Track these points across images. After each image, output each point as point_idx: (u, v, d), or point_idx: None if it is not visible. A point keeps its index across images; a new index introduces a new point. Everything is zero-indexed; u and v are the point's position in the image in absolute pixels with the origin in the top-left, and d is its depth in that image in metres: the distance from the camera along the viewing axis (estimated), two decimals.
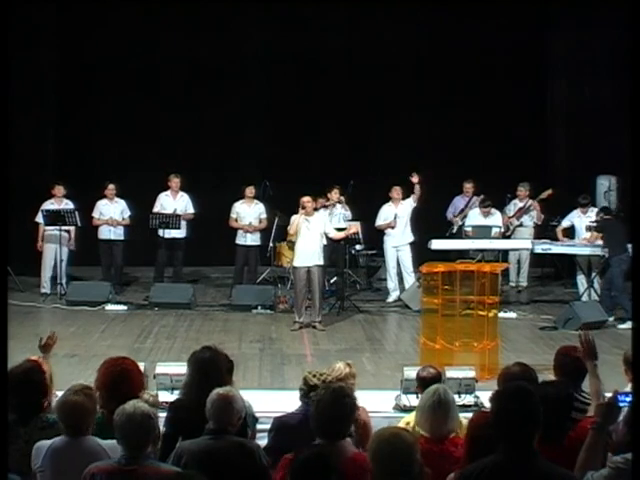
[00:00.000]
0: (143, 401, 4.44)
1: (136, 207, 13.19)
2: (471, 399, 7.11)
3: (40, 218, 12.74)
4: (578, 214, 12.85)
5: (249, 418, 4.99)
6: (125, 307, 12.18)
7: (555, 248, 12.74)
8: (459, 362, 8.08)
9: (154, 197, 13.16)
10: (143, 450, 4.09)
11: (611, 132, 14.03)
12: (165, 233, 12.78)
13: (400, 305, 12.54)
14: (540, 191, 13.37)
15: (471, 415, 4.54)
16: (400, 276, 12.98)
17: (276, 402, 6.65)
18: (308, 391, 5.22)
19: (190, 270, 14.05)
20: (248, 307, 12.10)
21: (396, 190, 12.81)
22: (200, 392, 4.69)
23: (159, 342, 10.32)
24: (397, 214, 12.80)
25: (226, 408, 4.44)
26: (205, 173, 14.92)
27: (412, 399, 6.74)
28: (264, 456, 4.49)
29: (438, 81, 15.17)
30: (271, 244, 13.51)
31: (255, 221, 13.12)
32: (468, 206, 13.64)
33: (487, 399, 6.32)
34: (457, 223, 13.64)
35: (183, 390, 5.18)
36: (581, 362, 4.97)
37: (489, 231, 12.77)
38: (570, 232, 12.98)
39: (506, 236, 13.16)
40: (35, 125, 14.40)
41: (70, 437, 4.34)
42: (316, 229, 11.08)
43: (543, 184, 13.58)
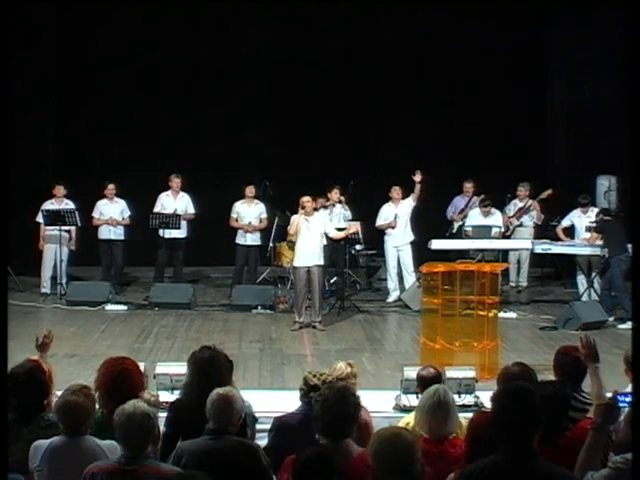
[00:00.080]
0: (144, 401, 4.45)
1: (136, 207, 13.19)
2: (471, 399, 7.11)
3: (40, 218, 12.75)
4: (578, 214, 12.84)
5: (248, 418, 4.99)
6: (125, 307, 12.18)
7: (555, 248, 12.74)
8: (459, 362, 8.08)
9: (154, 197, 13.16)
10: (143, 450, 4.09)
11: (611, 132, 14.02)
12: (165, 233, 12.78)
13: (400, 305, 12.54)
14: (540, 191, 13.37)
15: (471, 415, 4.54)
16: (400, 276, 12.98)
17: (276, 402, 6.65)
18: (308, 391, 5.22)
19: (190, 270, 14.05)
20: (248, 307, 12.10)
21: (396, 190, 12.81)
22: (200, 392, 4.69)
23: (159, 342, 10.32)
24: (397, 214, 12.81)
25: (226, 408, 4.44)
26: (205, 173, 14.91)
27: (412, 399, 6.74)
28: (264, 456, 4.49)
29: (438, 81, 15.17)
30: (271, 244, 13.51)
31: (255, 221, 13.12)
32: (468, 206, 13.64)
33: (487, 399, 6.32)
34: (457, 221, 13.64)
35: (183, 390, 5.18)
36: (581, 362, 4.97)
37: (489, 231, 12.77)
38: (570, 232, 12.98)
39: (506, 236, 13.15)
40: (35, 125, 14.39)
41: (68, 437, 4.35)
42: (316, 229, 11.09)
43: (543, 184, 13.58)
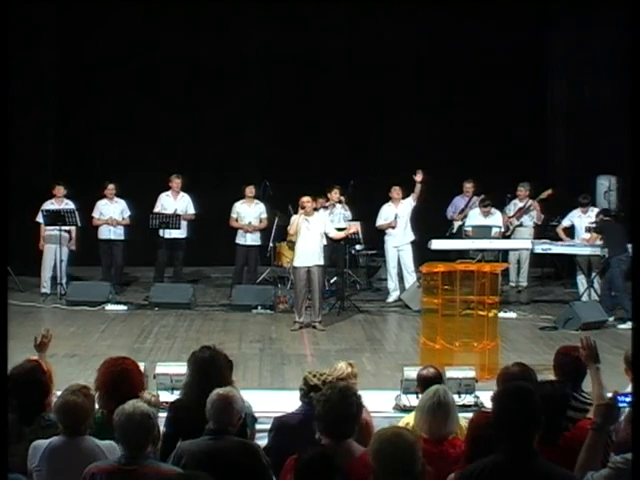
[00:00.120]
0: (144, 401, 4.44)
1: (136, 207, 13.19)
2: (471, 399, 7.11)
3: (40, 218, 12.74)
4: (578, 214, 12.84)
5: (248, 418, 4.99)
6: (125, 307, 12.18)
7: (555, 248, 12.73)
8: (459, 362, 8.08)
9: (154, 197, 13.16)
10: (143, 450, 4.09)
11: (611, 132, 14.02)
12: (165, 233, 12.77)
13: (400, 305, 12.54)
14: (540, 191, 13.37)
15: (471, 415, 4.54)
16: (400, 276, 12.98)
17: (276, 402, 6.65)
18: (308, 391, 5.21)
19: (190, 270, 14.05)
20: (248, 307, 12.10)
21: (396, 190, 12.81)
22: (200, 392, 4.69)
23: (159, 342, 10.31)
24: (397, 214, 12.81)
25: (226, 408, 4.44)
26: (205, 173, 14.91)
27: (412, 399, 6.74)
28: (264, 456, 4.49)
29: (438, 81, 15.17)
30: (271, 244, 13.50)
31: (255, 221, 13.12)
32: (468, 206, 13.64)
33: (487, 399, 6.32)
34: (457, 220, 13.64)
35: (183, 390, 5.18)
36: (581, 362, 4.96)
37: (489, 231, 12.76)
38: (570, 232, 12.98)
39: (506, 236, 13.15)
40: (35, 125, 14.39)
41: (68, 437, 4.34)
42: (316, 229, 11.08)
43: (543, 184, 13.58)
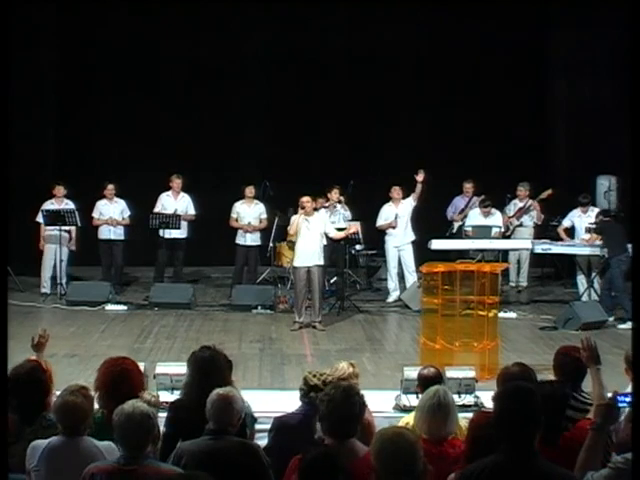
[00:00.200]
0: (144, 401, 4.44)
1: (136, 207, 13.19)
2: (471, 399, 7.11)
3: (40, 218, 12.74)
4: (578, 213, 12.84)
5: (248, 418, 4.99)
6: (125, 307, 12.18)
7: (555, 248, 12.73)
8: (459, 362, 8.08)
9: (154, 197, 13.16)
10: (142, 450, 4.08)
11: (611, 132, 14.02)
12: (166, 233, 12.77)
13: (400, 305, 12.54)
14: (540, 191, 13.36)
15: (471, 415, 4.53)
16: (401, 276, 12.98)
17: (276, 402, 6.66)
18: (308, 391, 5.21)
19: (190, 270, 14.05)
20: (248, 307, 12.10)
21: (396, 190, 12.81)
22: (200, 392, 4.69)
23: (159, 342, 10.31)
24: (398, 214, 12.81)
25: (226, 408, 4.44)
26: (205, 173, 14.89)
27: (412, 399, 6.74)
28: (264, 456, 4.49)
29: (438, 81, 15.17)
30: (271, 244, 13.50)
31: (255, 221, 13.11)
32: (468, 206, 13.64)
33: (487, 399, 6.32)
34: (457, 221, 13.64)
35: (183, 390, 5.17)
36: (581, 362, 4.96)
37: (489, 231, 12.76)
38: (571, 232, 12.98)
39: (506, 236, 13.15)
40: (35, 125, 14.38)
41: (67, 437, 4.33)
42: (316, 229, 11.08)
43: (543, 184, 13.57)
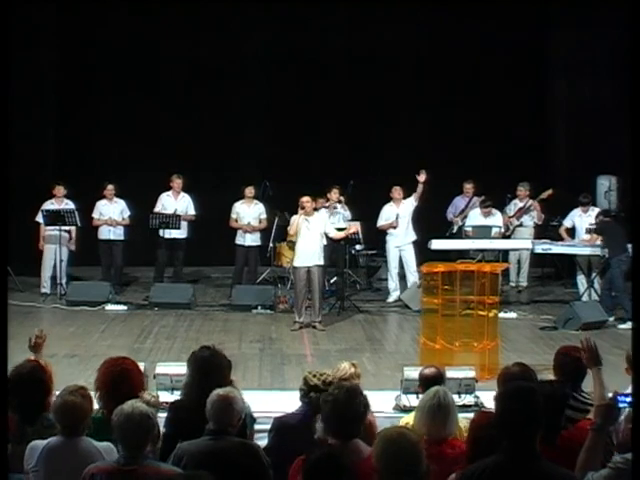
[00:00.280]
0: (144, 401, 4.43)
1: (136, 207, 13.19)
2: (471, 399, 7.10)
3: (40, 218, 12.73)
4: (579, 213, 12.84)
5: (247, 418, 4.98)
6: (125, 307, 12.17)
7: (555, 248, 12.72)
8: (459, 362, 8.07)
9: (154, 197, 13.16)
10: (142, 450, 4.08)
11: (611, 132, 14.01)
12: (165, 233, 12.76)
13: (400, 305, 12.53)
14: (540, 191, 13.36)
15: (471, 415, 4.53)
16: (402, 276, 12.97)
17: (276, 402, 6.65)
18: (308, 391, 5.21)
19: (190, 270, 14.04)
20: (248, 307, 12.09)
21: (397, 190, 12.81)
22: (200, 392, 4.68)
23: (159, 342, 10.31)
24: (399, 214, 12.80)
25: (226, 409, 4.44)
26: (205, 173, 14.89)
27: (412, 399, 6.74)
28: (265, 457, 4.48)
29: (438, 81, 15.17)
30: (271, 244, 13.49)
31: (254, 221, 13.10)
32: (468, 206, 13.64)
33: (488, 399, 6.32)
34: (457, 223, 13.64)
35: (183, 390, 5.17)
36: (581, 362, 4.95)
37: (489, 231, 12.75)
38: (571, 232, 12.97)
39: (506, 236, 13.14)
40: (35, 125, 14.38)
41: (65, 438, 4.33)
42: (316, 229, 11.08)
43: (543, 184, 13.57)
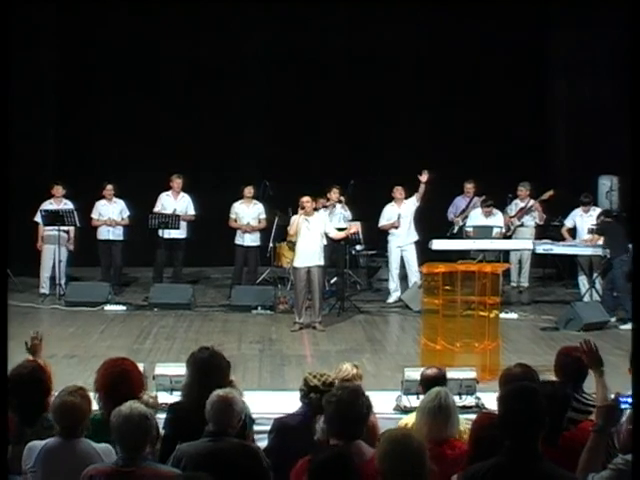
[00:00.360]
0: (143, 402, 4.42)
1: (136, 207, 13.17)
2: (472, 400, 7.07)
3: (39, 218, 12.71)
4: (580, 213, 12.83)
5: (246, 419, 4.96)
6: (124, 308, 12.15)
7: (556, 248, 12.71)
8: (460, 363, 8.05)
9: (154, 197, 13.14)
10: (140, 451, 4.06)
11: (611, 132, 13.99)
12: (165, 233, 12.74)
13: (400, 306, 12.52)
14: (541, 191, 13.35)
15: (472, 416, 4.52)
16: (403, 276, 12.95)
17: (276, 403, 6.63)
18: (308, 392, 5.19)
19: (190, 270, 14.02)
20: (248, 308, 12.07)
21: (398, 190, 12.80)
22: (200, 393, 4.67)
23: (158, 343, 10.29)
24: (400, 214, 12.78)
25: (226, 410, 4.42)
26: (205, 173, 14.87)
27: (413, 400, 6.71)
28: (264, 458, 4.47)
29: (438, 81, 15.15)
30: (271, 244, 13.48)
31: (254, 221, 13.08)
32: (469, 206, 13.62)
33: (489, 400, 6.30)
34: (458, 223, 13.62)
35: (183, 391, 5.15)
36: (582, 363, 4.94)
37: (490, 231, 12.73)
38: (573, 231, 12.96)
39: (507, 236, 13.13)
40: (35, 125, 14.36)
41: (64, 439, 4.31)
42: (316, 229, 11.06)
43: (544, 184, 13.56)
